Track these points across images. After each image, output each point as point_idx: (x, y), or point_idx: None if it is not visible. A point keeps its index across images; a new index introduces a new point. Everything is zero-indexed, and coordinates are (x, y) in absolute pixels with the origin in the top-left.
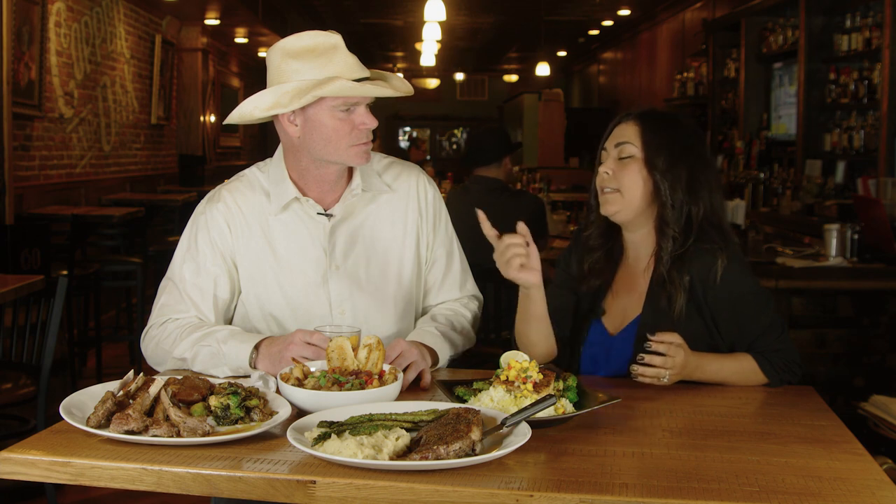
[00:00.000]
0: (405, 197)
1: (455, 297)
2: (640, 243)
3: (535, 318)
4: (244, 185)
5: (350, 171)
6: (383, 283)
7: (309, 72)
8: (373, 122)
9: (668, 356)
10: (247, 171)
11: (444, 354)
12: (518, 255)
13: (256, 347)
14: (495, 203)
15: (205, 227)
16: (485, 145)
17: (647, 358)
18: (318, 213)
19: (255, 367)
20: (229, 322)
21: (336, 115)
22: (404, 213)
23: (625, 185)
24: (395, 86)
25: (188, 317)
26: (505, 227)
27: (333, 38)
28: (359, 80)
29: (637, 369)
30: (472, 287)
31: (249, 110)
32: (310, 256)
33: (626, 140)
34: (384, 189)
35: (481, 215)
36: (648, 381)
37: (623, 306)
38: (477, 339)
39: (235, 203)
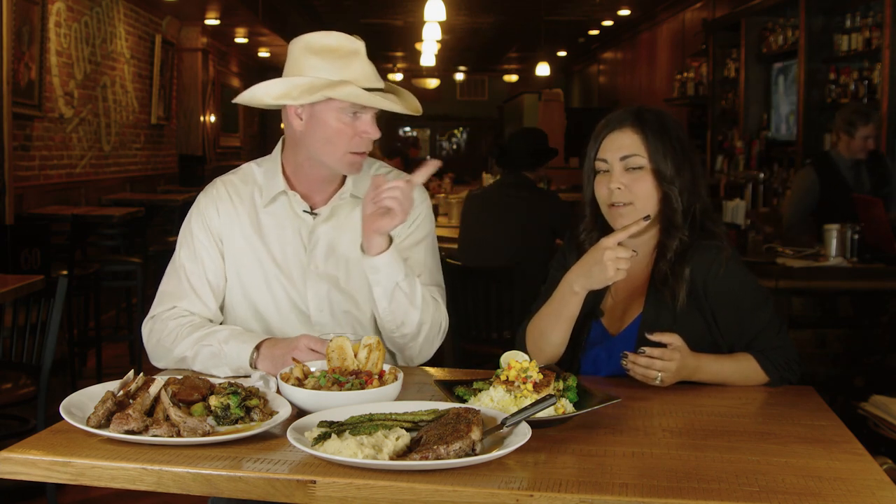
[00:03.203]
0: None
1: None
2: (641, 245)
3: (569, 320)
4: (238, 178)
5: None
6: (360, 288)
7: (325, 71)
8: (375, 133)
9: (656, 358)
10: (245, 165)
11: (396, 260)
12: (626, 266)
13: (257, 348)
14: (524, 200)
15: (199, 214)
16: (525, 149)
17: (631, 356)
18: (304, 211)
19: (255, 368)
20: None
21: (342, 118)
22: None
23: (639, 198)
24: (406, 103)
25: (188, 311)
26: (531, 225)
27: (356, 44)
28: (372, 90)
29: (626, 364)
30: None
31: (261, 95)
32: (291, 252)
33: (631, 152)
34: None
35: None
36: (641, 380)
37: (623, 307)
38: (477, 338)
39: (227, 193)
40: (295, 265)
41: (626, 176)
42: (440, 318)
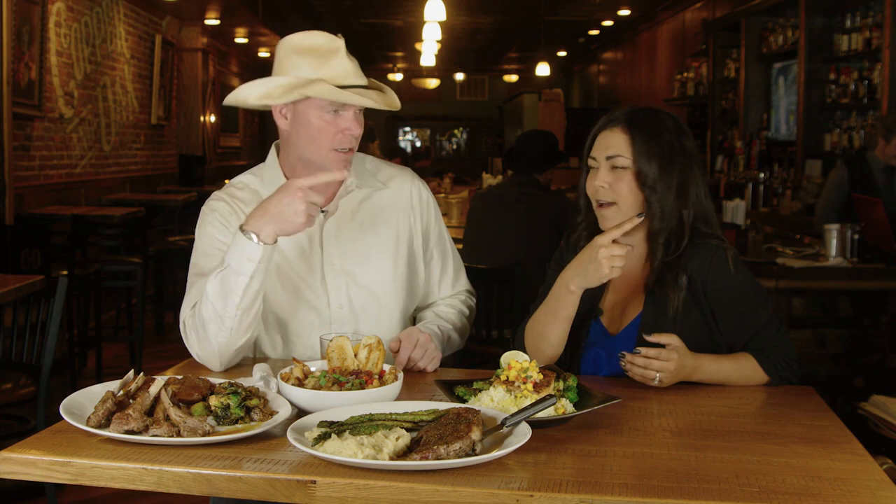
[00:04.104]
0: (398, 195)
1: (449, 293)
2: (636, 244)
3: (566, 319)
4: (236, 188)
5: None
6: (378, 279)
7: (305, 70)
8: (357, 130)
9: (653, 358)
10: (234, 180)
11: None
12: (621, 264)
13: (245, 220)
14: (531, 198)
15: (210, 217)
16: (534, 152)
17: (629, 357)
18: None
19: (244, 231)
20: None
21: (322, 115)
22: (397, 210)
23: (621, 197)
24: (381, 98)
25: None
26: (537, 223)
27: (336, 43)
28: (350, 87)
29: (624, 365)
30: (465, 283)
31: (244, 96)
32: (305, 252)
33: (616, 153)
34: (378, 186)
35: None
36: (640, 381)
37: (622, 306)
38: (477, 338)
39: (233, 201)
40: (309, 265)
41: (610, 175)
42: (474, 303)
